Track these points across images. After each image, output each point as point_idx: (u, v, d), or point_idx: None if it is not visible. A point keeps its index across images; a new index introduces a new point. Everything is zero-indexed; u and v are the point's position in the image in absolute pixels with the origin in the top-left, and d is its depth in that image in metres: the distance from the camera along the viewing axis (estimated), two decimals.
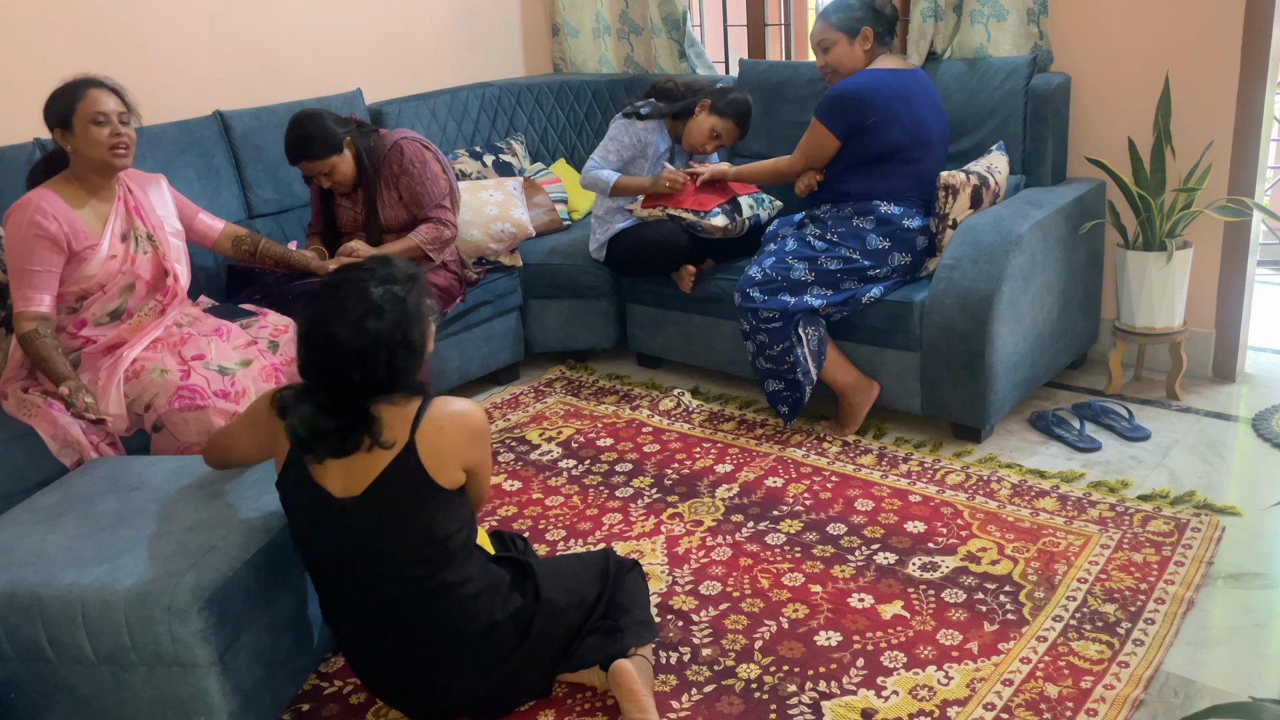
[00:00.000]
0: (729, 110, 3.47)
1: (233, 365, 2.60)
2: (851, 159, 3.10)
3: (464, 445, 1.91)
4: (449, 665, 1.95)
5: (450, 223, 3.27)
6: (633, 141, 3.53)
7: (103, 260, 2.55)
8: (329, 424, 1.83)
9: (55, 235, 2.46)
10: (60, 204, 2.50)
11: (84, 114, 2.48)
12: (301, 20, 3.84)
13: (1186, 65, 3.15)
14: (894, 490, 2.80)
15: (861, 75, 3.06)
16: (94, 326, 2.60)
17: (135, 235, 2.64)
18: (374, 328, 1.80)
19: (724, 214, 3.40)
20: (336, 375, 1.82)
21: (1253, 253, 3.26)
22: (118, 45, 3.35)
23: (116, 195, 2.62)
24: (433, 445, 1.86)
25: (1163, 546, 2.45)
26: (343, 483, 1.87)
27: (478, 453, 1.95)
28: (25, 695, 1.95)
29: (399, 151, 3.20)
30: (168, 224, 2.73)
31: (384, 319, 1.82)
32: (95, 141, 2.49)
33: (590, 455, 3.15)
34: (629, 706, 1.96)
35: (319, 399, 1.85)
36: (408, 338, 1.85)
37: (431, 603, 1.91)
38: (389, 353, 1.82)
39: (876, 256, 3.04)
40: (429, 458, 1.86)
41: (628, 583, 2.15)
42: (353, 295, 1.83)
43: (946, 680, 2.07)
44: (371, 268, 1.89)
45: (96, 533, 2.02)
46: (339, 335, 1.80)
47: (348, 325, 1.80)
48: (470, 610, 1.93)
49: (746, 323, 3.08)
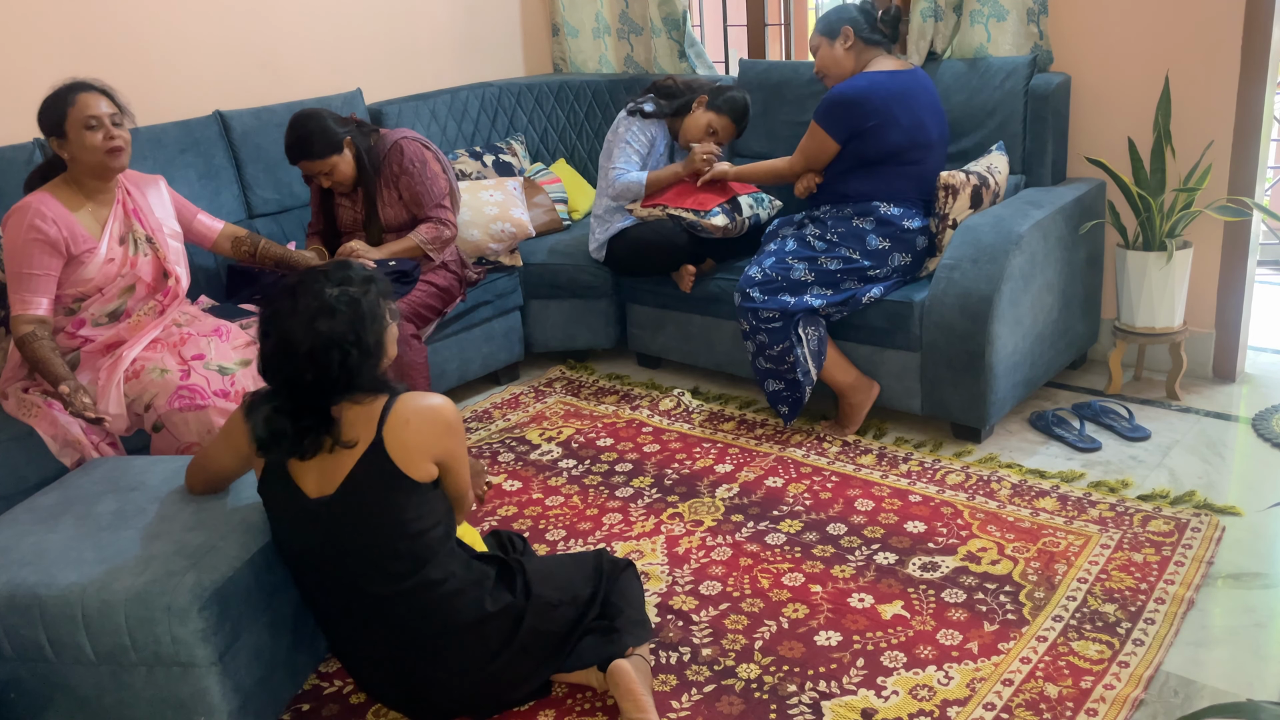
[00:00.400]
0: (725, 107, 3.47)
1: (232, 365, 2.60)
2: (851, 161, 3.10)
3: (433, 438, 1.92)
4: (437, 662, 1.96)
5: (450, 222, 3.27)
6: (647, 139, 3.54)
7: (101, 263, 2.55)
8: (286, 425, 1.87)
9: (53, 239, 2.46)
10: (58, 207, 2.50)
11: (76, 120, 2.47)
12: (301, 20, 3.84)
13: (1186, 65, 3.14)
14: (894, 490, 2.80)
15: (859, 78, 3.06)
16: (92, 326, 2.60)
17: (134, 238, 2.63)
18: (326, 327, 1.84)
19: (724, 213, 3.40)
20: (291, 374, 1.86)
21: (1253, 253, 3.26)
22: (118, 45, 3.35)
23: (115, 198, 2.62)
24: (400, 439, 1.89)
25: (1163, 546, 2.45)
26: (317, 483, 1.90)
27: (449, 445, 1.96)
28: (25, 695, 1.95)
29: (399, 151, 3.20)
30: (167, 226, 2.73)
31: (336, 319, 1.84)
32: (90, 146, 2.48)
33: (590, 455, 3.15)
34: (628, 706, 1.96)
35: (278, 401, 1.89)
36: (361, 338, 1.87)
37: (414, 600, 1.92)
38: (342, 352, 1.85)
39: (876, 257, 3.04)
40: (397, 451, 1.88)
41: (622, 582, 2.16)
42: (306, 296, 1.86)
43: (946, 680, 2.07)
44: (328, 270, 1.92)
45: (96, 533, 2.02)
46: (292, 334, 1.84)
47: (300, 325, 1.83)
48: (454, 606, 1.93)
49: (746, 323, 3.08)
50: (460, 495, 2.05)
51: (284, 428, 1.87)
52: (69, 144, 2.50)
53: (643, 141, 3.54)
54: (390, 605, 1.92)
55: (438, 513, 1.96)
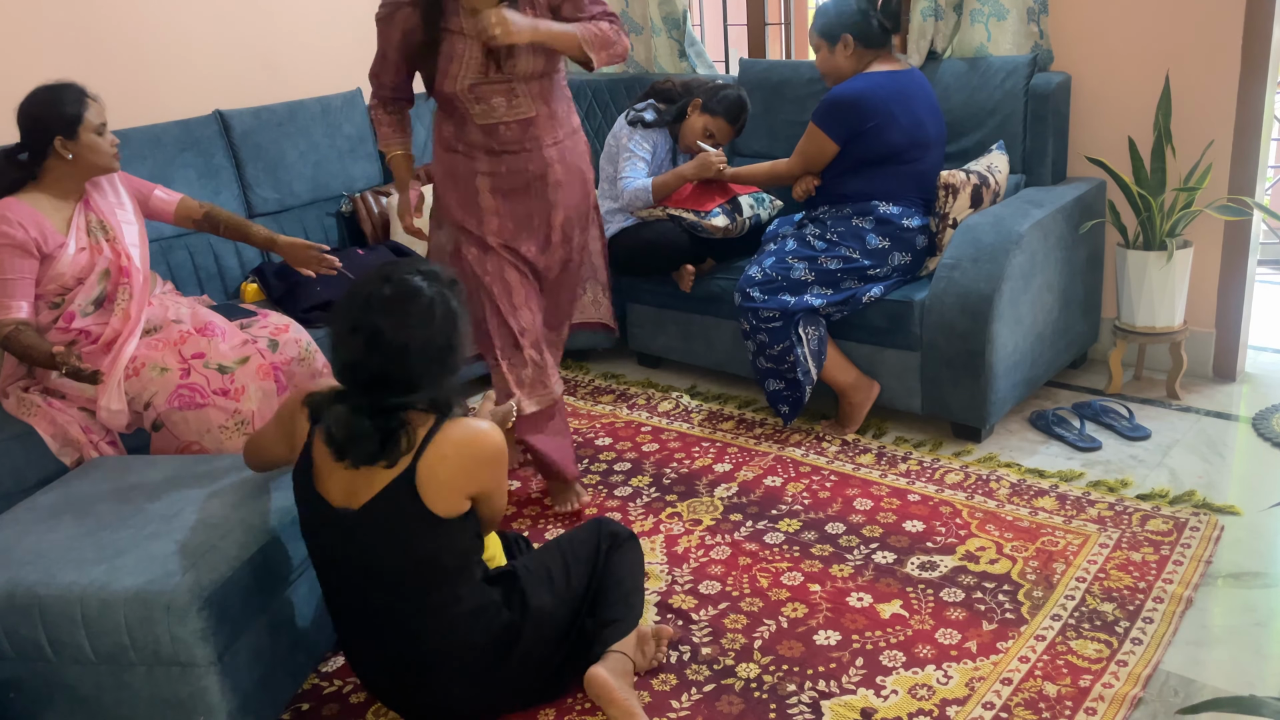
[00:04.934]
0: (719, 108, 3.45)
1: (232, 364, 2.60)
2: (850, 161, 3.09)
3: (470, 473, 1.85)
4: (441, 675, 1.94)
5: (623, 32, 2.61)
6: (651, 146, 3.54)
7: (72, 256, 2.57)
8: (368, 427, 1.77)
9: (22, 241, 2.47)
10: (24, 209, 2.51)
11: (91, 124, 2.54)
12: (301, 20, 3.85)
13: (1186, 65, 3.14)
14: (893, 489, 2.80)
15: (857, 80, 3.06)
16: (82, 317, 2.60)
17: (91, 226, 2.64)
18: (424, 325, 1.77)
19: (724, 214, 3.40)
20: (378, 373, 1.76)
21: (1253, 252, 3.26)
22: (118, 45, 3.36)
23: (82, 193, 2.64)
24: (433, 472, 1.81)
25: (1161, 546, 2.45)
26: (344, 493, 1.85)
27: (487, 479, 1.89)
28: (25, 695, 1.95)
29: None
30: (120, 210, 2.72)
31: (435, 315, 1.78)
32: (101, 149, 2.57)
33: (589, 454, 3.15)
34: (614, 712, 1.95)
35: (354, 400, 1.80)
36: (451, 340, 1.82)
37: (421, 619, 1.89)
38: (438, 351, 1.79)
39: (876, 256, 3.04)
40: (427, 484, 1.81)
41: (614, 561, 2.09)
42: (405, 289, 1.78)
43: (945, 679, 2.07)
44: (418, 265, 1.84)
45: (96, 532, 2.02)
46: (386, 330, 1.75)
47: (398, 320, 1.75)
48: (459, 628, 1.91)
49: (747, 322, 3.08)
50: (492, 519, 1.99)
51: (365, 430, 1.77)
52: (77, 145, 2.53)
53: (646, 149, 3.53)
54: (397, 617, 1.90)
55: (459, 546, 1.89)
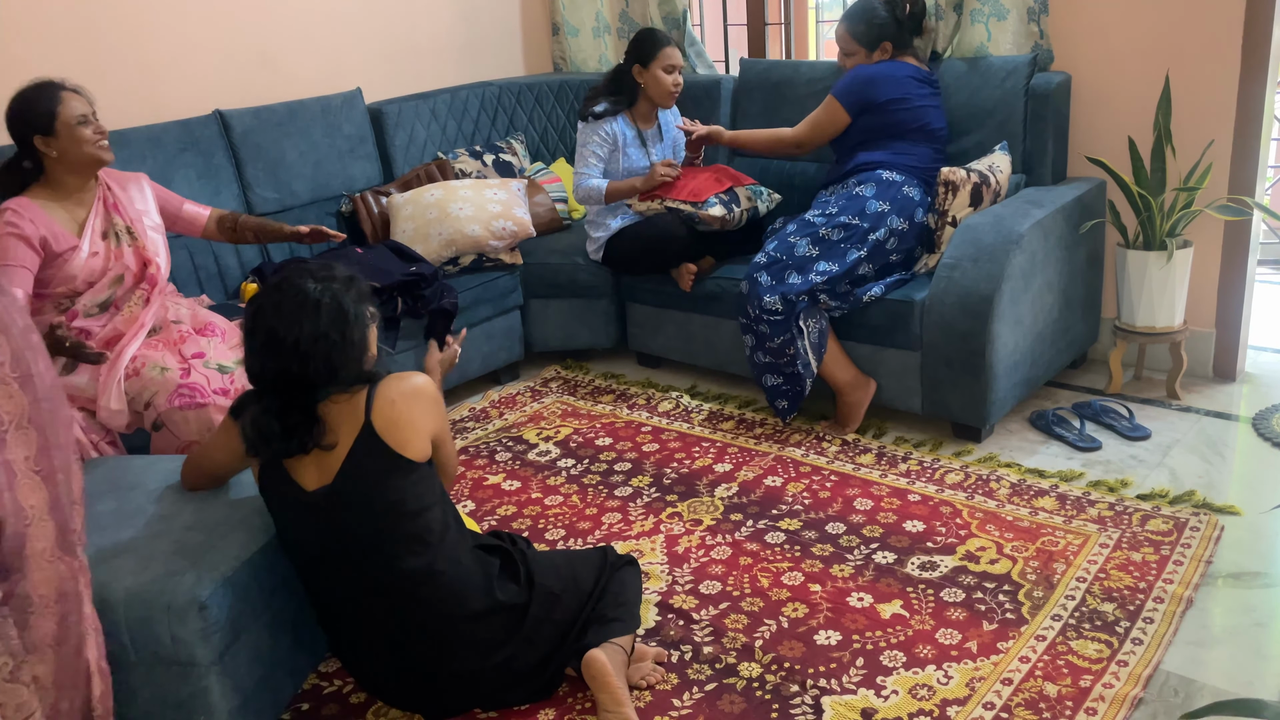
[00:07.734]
0: (650, 51, 3.45)
1: (232, 364, 2.61)
2: (859, 135, 3.21)
3: (421, 414, 1.96)
4: (444, 653, 1.96)
5: None
6: (603, 139, 3.54)
7: (84, 260, 2.57)
8: (274, 425, 1.89)
9: (29, 234, 2.48)
10: (34, 208, 2.52)
11: (67, 117, 2.51)
12: (301, 20, 3.84)
13: (1186, 65, 3.14)
14: (893, 489, 2.80)
15: (883, 64, 3.23)
16: (84, 318, 2.60)
17: (115, 231, 2.65)
18: (310, 322, 1.87)
19: (721, 203, 3.39)
20: (277, 371, 1.89)
21: (1253, 252, 3.26)
22: (118, 45, 3.36)
23: (96, 195, 2.65)
24: (389, 419, 1.92)
25: (1161, 546, 2.45)
26: (315, 475, 1.93)
27: (436, 419, 2.01)
28: None
29: None
30: (147, 218, 2.75)
31: (321, 313, 1.88)
32: (84, 141, 2.54)
33: (589, 455, 3.15)
34: (604, 699, 1.96)
35: (265, 401, 1.92)
36: (346, 333, 1.91)
37: (421, 589, 1.93)
38: (328, 345, 1.88)
39: (875, 219, 3.07)
40: (388, 432, 1.91)
41: (618, 577, 2.15)
42: (291, 292, 1.90)
43: (946, 679, 2.07)
44: (311, 268, 1.96)
45: (96, 533, 2.01)
46: (278, 330, 1.87)
47: (286, 320, 1.87)
48: (461, 595, 1.95)
49: (750, 311, 3.07)
50: (447, 463, 2.11)
51: (271, 428, 1.89)
52: (58, 141, 2.52)
53: (600, 143, 3.54)
54: (397, 594, 1.93)
55: (434, 492, 1.99)
